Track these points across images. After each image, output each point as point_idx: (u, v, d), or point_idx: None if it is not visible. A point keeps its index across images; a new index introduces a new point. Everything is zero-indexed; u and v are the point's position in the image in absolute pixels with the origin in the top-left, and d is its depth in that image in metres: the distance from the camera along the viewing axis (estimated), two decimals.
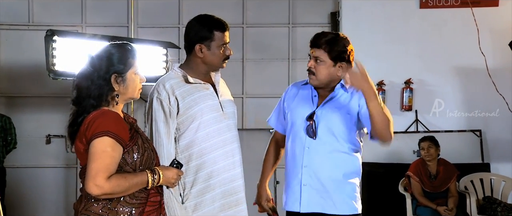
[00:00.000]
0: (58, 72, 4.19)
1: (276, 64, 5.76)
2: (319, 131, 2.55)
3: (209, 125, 2.42)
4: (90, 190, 1.80)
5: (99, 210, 1.87)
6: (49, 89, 5.56)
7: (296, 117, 2.63)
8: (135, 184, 1.89)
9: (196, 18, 2.50)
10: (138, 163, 1.94)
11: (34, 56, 5.50)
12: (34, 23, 5.71)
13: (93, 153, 1.81)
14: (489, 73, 5.18)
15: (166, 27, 5.73)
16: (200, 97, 2.42)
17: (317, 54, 2.57)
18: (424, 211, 4.56)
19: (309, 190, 2.57)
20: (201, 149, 2.42)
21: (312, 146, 2.56)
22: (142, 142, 1.98)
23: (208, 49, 2.43)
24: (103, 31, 5.41)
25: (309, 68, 2.59)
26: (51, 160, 5.71)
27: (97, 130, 1.82)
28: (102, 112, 1.90)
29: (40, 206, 5.65)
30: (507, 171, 5.19)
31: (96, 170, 1.79)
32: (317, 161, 2.56)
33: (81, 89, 1.93)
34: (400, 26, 5.41)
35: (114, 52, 1.96)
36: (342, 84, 2.62)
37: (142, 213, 1.91)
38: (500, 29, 5.21)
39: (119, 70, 1.94)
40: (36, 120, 5.70)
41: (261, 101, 5.63)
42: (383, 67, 5.37)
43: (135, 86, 2.00)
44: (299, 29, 5.74)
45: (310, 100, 2.64)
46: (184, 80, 2.43)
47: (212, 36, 2.42)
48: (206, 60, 2.45)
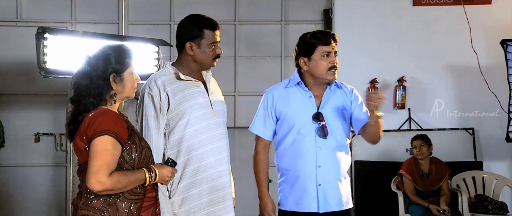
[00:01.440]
0: (49, 70, 4.26)
1: (268, 61, 5.86)
2: (331, 131, 2.71)
3: (198, 121, 2.55)
4: (92, 186, 1.94)
5: (100, 205, 2.01)
6: (38, 86, 5.62)
7: (296, 119, 2.74)
8: (134, 181, 2.04)
9: (187, 17, 2.65)
10: (136, 161, 2.09)
11: (22, 53, 5.56)
12: (22, 20, 5.76)
13: (94, 151, 1.95)
14: (482, 71, 5.35)
15: (157, 24, 5.81)
16: (190, 94, 2.55)
17: (336, 48, 2.74)
18: (416, 209, 4.71)
19: (325, 190, 2.71)
20: (190, 145, 2.54)
21: (323, 146, 2.70)
22: (139, 140, 2.13)
23: (198, 47, 2.57)
24: (93, 28, 5.51)
25: (334, 64, 2.72)
26: (40, 159, 5.76)
27: (98, 129, 1.97)
28: (102, 111, 2.04)
29: (29, 206, 5.69)
30: (499, 169, 5.36)
31: (98, 167, 1.93)
32: (330, 160, 2.72)
33: (80, 88, 2.07)
34: (393, 24, 5.57)
35: (112, 52, 2.10)
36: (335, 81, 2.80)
37: (140, 208, 2.06)
38: (493, 27, 5.38)
39: (117, 70, 2.09)
40: (24, 118, 5.75)
41: (253, 99, 5.61)
42: (376, 64, 5.53)
43: (132, 85, 2.16)
44: (291, 26, 5.84)
45: (307, 100, 2.77)
46: (175, 77, 2.56)
47: (202, 34, 2.56)
48: (197, 58, 2.59)
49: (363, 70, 5.54)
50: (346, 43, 5.52)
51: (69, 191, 5.69)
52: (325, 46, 2.71)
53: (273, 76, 5.79)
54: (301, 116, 2.74)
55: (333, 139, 2.72)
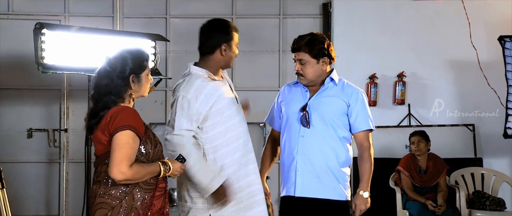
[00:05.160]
0: (47, 65, 4.49)
1: (266, 56, 6.16)
2: (313, 120, 3.20)
3: (233, 117, 3.00)
4: (114, 176, 2.37)
5: (118, 194, 2.46)
6: (30, 81, 5.92)
7: (290, 111, 3.28)
8: (150, 173, 2.49)
9: (215, 22, 3.08)
10: (151, 154, 2.53)
11: (14, 46, 5.89)
12: (14, 12, 6.03)
13: (117, 144, 2.38)
14: (481, 67, 5.76)
15: (153, 17, 6.15)
16: (222, 93, 2.99)
17: (300, 57, 3.23)
18: (413, 205, 5.14)
19: (303, 175, 3.19)
20: (226, 140, 2.97)
21: (306, 135, 3.20)
22: (153, 136, 2.58)
23: (230, 49, 3.03)
24: (87, 21, 5.79)
25: (297, 71, 3.25)
26: (33, 155, 6.03)
27: (120, 124, 2.40)
28: (123, 108, 2.48)
29: (21, 203, 5.89)
30: (500, 166, 5.76)
31: (121, 158, 2.36)
32: (311, 148, 3.19)
33: (100, 86, 2.51)
34: (393, 18, 5.96)
35: (132, 55, 2.56)
36: (331, 77, 3.27)
37: (153, 197, 2.52)
38: (492, 22, 5.79)
39: (136, 71, 2.54)
40: (16, 113, 6.02)
41: (251, 94, 5.68)
42: (376, 59, 5.93)
43: (147, 85, 2.62)
44: (290, 21, 6.15)
45: (302, 95, 3.30)
46: (208, 77, 2.98)
47: (232, 36, 3.04)
48: (227, 58, 3.04)
49: (362, 65, 5.92)
50: (345, 37, 5.96)
51: (63, 188, 6.05)
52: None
53: (271, 71, 6.11)
54: (292, 106, 3.27)
55: (317, 130, 3.19)
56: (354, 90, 3.27)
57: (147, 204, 2.49)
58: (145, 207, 2.48)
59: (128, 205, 2.44)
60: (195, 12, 6.08)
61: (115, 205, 2.44)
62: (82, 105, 5.80)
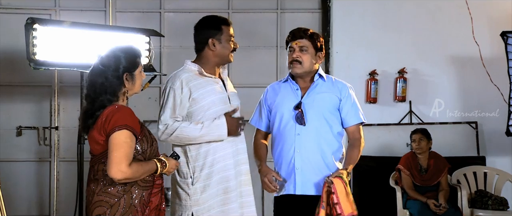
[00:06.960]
0: (39, 61, 4.52)
1: (263, 51, 6.21)
2: (308, 118, 3.34)
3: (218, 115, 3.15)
4: (114, 175, 2.48)
5: (116, 192, 2.57)
6: (20, 77, 5.97)
7: (283, 110, 3.42)
8: (147, 171, 2.61)
9: (202, 20, 3.26)
10: (148, 152, 2.64)
11: (3, 41, 5.93)
12: (2, 6, 6.08)
13: (115, 144, 2.49)
14: (483, 63, 5.86)
15: (147, 12, 6.21)
16: (211, 89, 3.14)
17: (302, 43, 3.39)
18: (414, 205, 5.23)
19: (302, 173, 3.33)
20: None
21: (303, 133, 3.34)
22: (149, 133, 2.69)
23: (219, 43, 3.18)
24: (78, 16, 5.86)
25: (295, 58, 3.38)
26: (22, 154, 6.08)
27: (117, 123, 2.50)
28: (118, 107, 2.58)
29: (11, 202, 5.82)
30: (503, 165, 5.85)
31: (120, 158, 2.47)
32: (308, 146, 3.33)
33: (95, 85, 2.61)
34: (394, 13, 6.04)
35: (124, 53, 2.65)
36: (319, 74, 3.45)
37: (150, 194, 2.64)
38: (495, 18, 5.88)
39: (130, 69, 2.63)
40: (5, 110, 6.05)
41: (247, 90, 5.81)
42: (376, 55, 6.01)
43: (140, 82, 2.72)
44: (288, 15, 6.21)
45: (293, 93, 3.44)
46: (198, 74, 3.16)
47: (221, 30, 3.18)
48: (218, 53, 3.20)
49: (362, 61, 6.01)
50: (344, 32, 6.04)
51: (53, 187, 6.11)
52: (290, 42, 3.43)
53: (268, 67, 6.18)
54: (285, 105, 3.41)
55: (313, 127, 3.33)
56: (343, 85, 3.46)
57: (145, 201, 2.60)
58: (143, 204, 2.59)
59: (127, 203, 2.55)
60: (191, 7, 6.16)
61: (113, 203, 2.55)
62: (74, 102, 5.89)
